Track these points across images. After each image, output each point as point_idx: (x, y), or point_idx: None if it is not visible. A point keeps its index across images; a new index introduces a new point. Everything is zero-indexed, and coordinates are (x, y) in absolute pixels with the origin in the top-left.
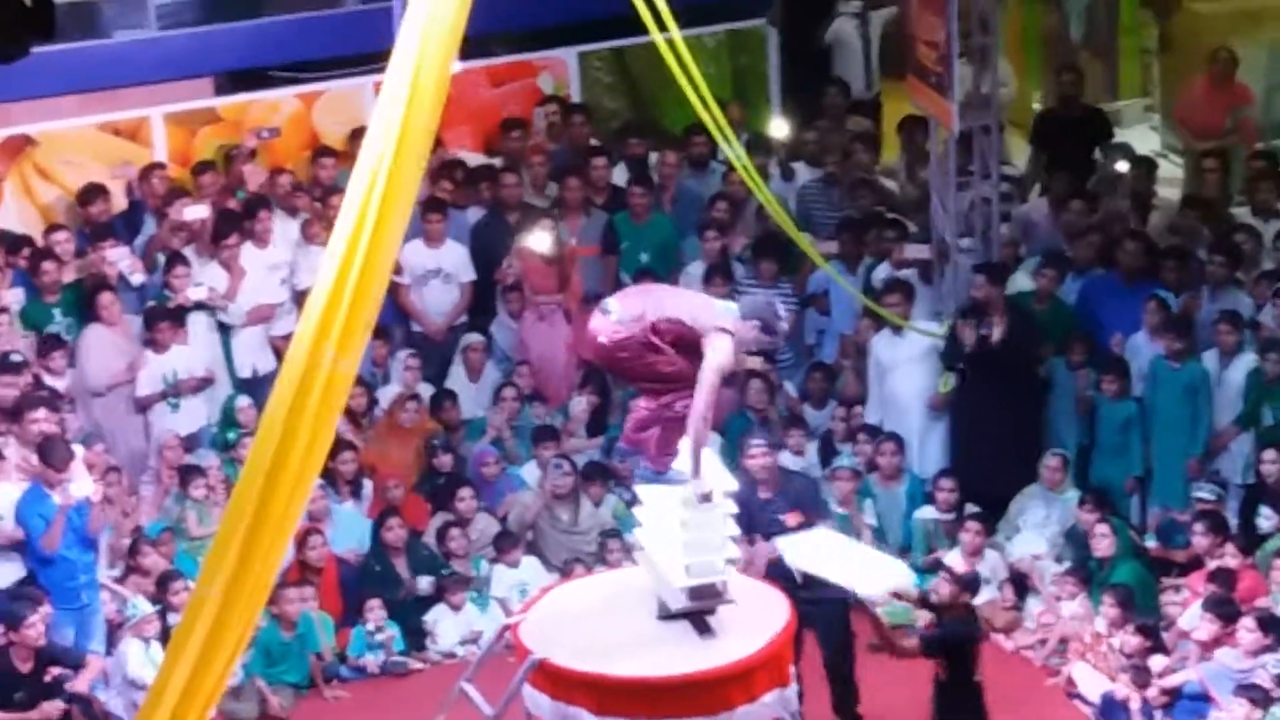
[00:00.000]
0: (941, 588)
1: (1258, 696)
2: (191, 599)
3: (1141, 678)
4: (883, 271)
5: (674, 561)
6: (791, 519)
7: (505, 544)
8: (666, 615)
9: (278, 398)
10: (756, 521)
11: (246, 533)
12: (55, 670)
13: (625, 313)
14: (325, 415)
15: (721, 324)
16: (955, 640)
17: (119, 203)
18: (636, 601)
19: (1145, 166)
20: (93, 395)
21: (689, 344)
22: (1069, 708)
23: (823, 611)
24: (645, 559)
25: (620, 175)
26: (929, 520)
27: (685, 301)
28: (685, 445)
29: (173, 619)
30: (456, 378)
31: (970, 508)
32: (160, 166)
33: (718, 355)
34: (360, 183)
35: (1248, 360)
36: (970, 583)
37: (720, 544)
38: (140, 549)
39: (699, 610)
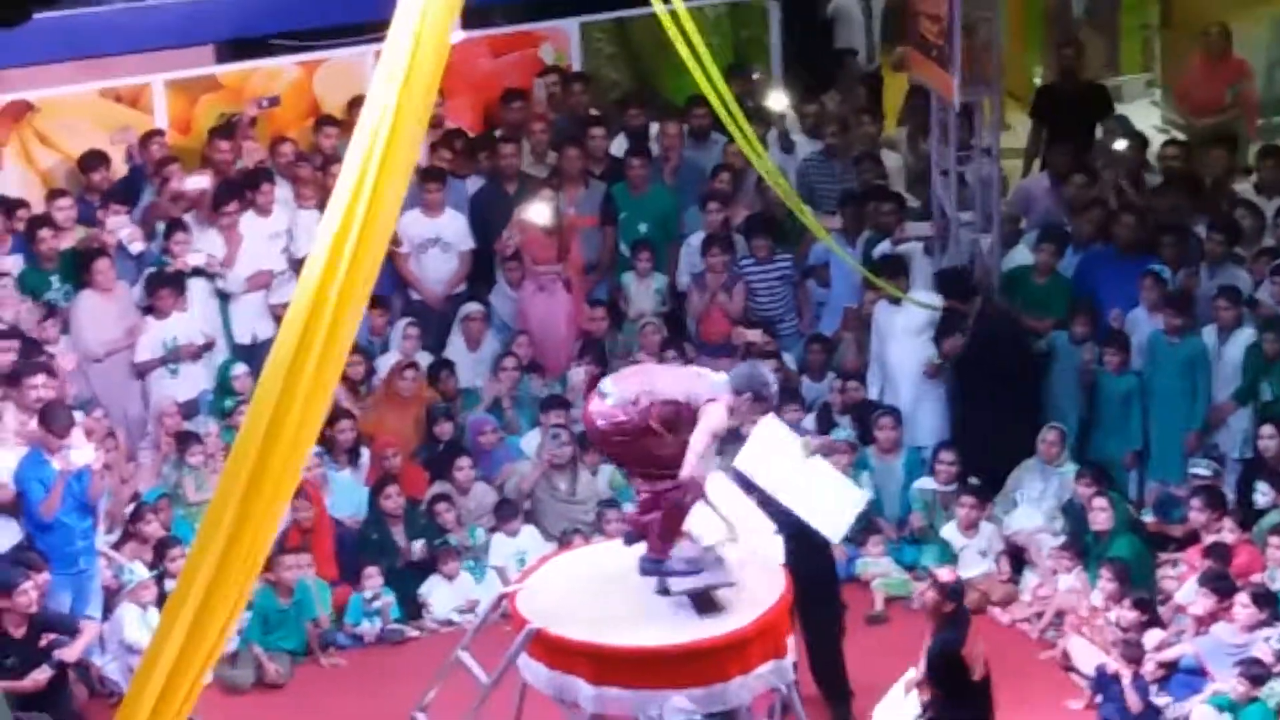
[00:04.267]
0: (925, 595)
1: (1258, 673)
2: (186, 564)
3: (1136, 652)
4: (885, 249)
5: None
6: None
7: (505, 513)
8: (664, 592)
9: (274, 364)
10: None
11: (241, 498)
12: (50, 636)
13: (621, 396)
14: (321, 381)
15: (714, 395)
16: (947, 651)
17: (120, 169)
18: (634, 572)
19: (1139, 141)
20: (90, 361)
21: (684, 422)
22: (1064, 681)
23: (803, 582)
24: None
25: (620, 146)
26: (927, 491)
27: (679, 379)
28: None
29: (169, 585)
30: (455, 347)
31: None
32: (159, 134)
33: (711, 420)
34: (358, 151)
35: (1246, 335)
36: (954, 591)
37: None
38: (143, 515)
39: (700, 591)
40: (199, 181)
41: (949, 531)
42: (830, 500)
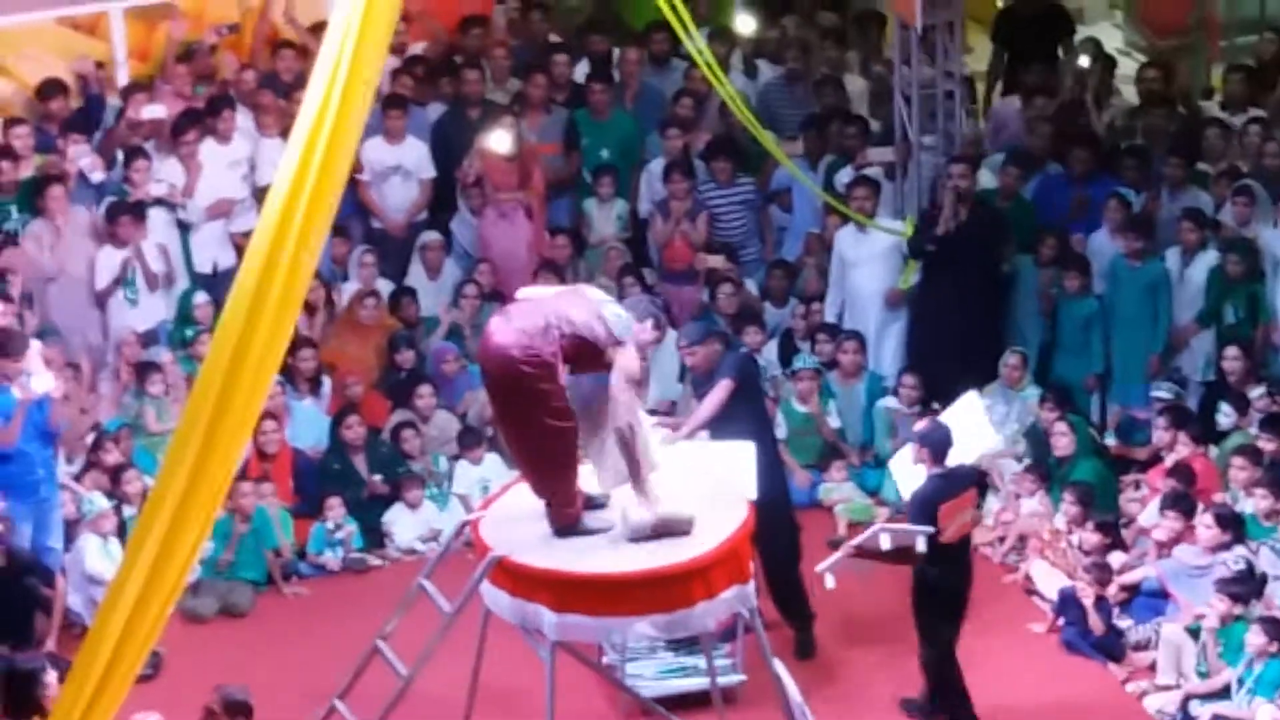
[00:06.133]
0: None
1: (1237, 591)
2: (151, 495)
3: (1105, 575)
4: (846, 175)
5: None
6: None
7: (469, 441)
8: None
9: (238, 294)
10: (700, 399)
11: (206, 429)
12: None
13: (528, 323)
14: (285, 310)
15: (619, 338)
16: (927, 497)
17: (77, 98)
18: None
19: (1105, 62)
20: (45, 283)
21: (589, 357)
22: (1026, 605)
23: (757, 507)
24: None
25: (584, 72)
26: (891, 409)
27: (580, 310)
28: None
29: (126, 511)
30: (416, 275)
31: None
32: (100, 66)
33: (629, 367)
34: (321, 78)
35: (1209, 258)
36: (930, 438)
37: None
38: (103, 445)
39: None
40: (156, 110)
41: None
42: (728, 468)
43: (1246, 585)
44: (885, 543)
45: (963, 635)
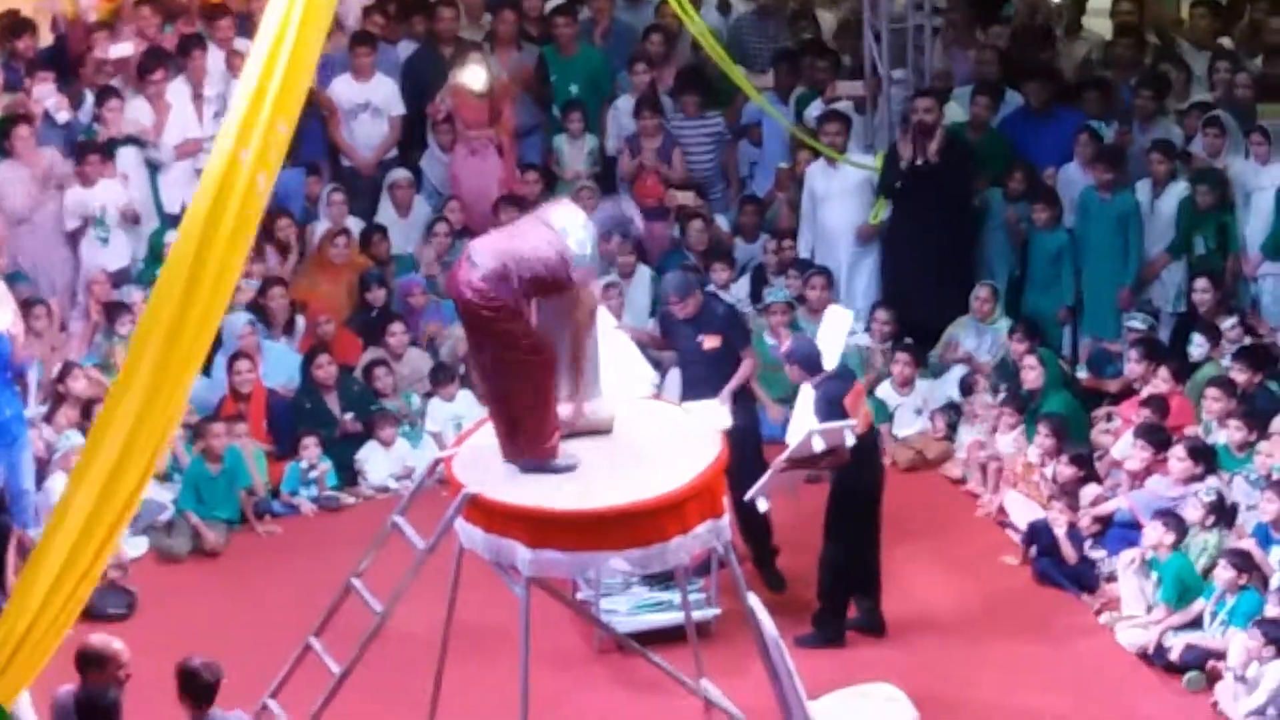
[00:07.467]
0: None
1: (1172, 523)
2: (96, 424)
3: (1075, 502)
4: (816, 109)
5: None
6: (709, 342)
7: (441, 378)
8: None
9: (192, 216)
10: (672, 337)
11: (157, 353)
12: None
13: (486, 267)
14: (239, 235)
15: (580, 271)
16: (830, 397)
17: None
18: (569, 435)
19: None
20: (15, 225)
21: (550, 288)
22: (1000, 538)
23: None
24: None
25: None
26: (862, 347)
27: (538, 244)
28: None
29: None
30: (386, 213)
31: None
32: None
33: (587, 304)
34: (275, 14)
35: (1179, 189)
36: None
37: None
38: (70, 372)
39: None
40: (124, 49)
41: (884, 390)
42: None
43: (1178, 517)
44: (818, 443)
45: (936, 569)
